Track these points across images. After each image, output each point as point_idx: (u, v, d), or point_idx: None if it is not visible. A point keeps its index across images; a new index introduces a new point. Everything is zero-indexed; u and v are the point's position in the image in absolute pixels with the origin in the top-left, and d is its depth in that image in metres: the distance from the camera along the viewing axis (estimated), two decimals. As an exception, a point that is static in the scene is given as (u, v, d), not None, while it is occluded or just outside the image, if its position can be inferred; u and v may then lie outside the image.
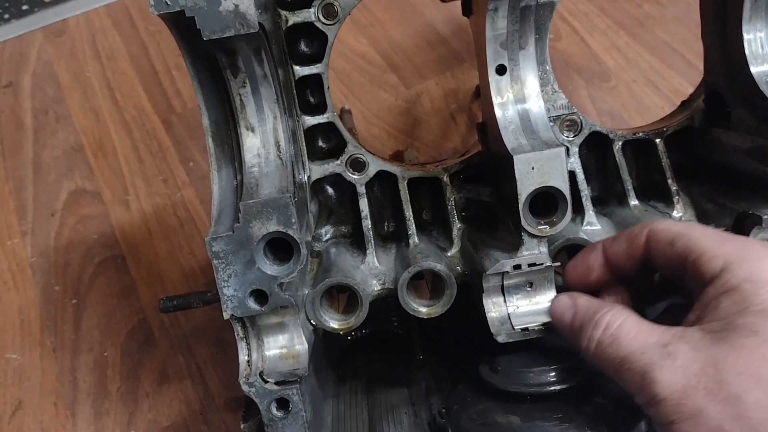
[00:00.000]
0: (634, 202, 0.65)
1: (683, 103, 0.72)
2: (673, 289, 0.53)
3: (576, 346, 0.51)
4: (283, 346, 0.56)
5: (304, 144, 0.63)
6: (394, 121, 1.11)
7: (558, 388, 0.53)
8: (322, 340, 0.68)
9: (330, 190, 0.68)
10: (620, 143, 0.66)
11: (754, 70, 0.59)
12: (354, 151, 0.64)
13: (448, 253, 0.64)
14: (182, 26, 0.50)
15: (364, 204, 0.64)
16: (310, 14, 0.60)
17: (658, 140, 0.66)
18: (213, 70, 0.54)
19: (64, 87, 1.21)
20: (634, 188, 0.66)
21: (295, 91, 0.62)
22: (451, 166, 0.66)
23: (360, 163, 0.64)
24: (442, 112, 1.11)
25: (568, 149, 0.64)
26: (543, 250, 0.55)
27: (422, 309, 0.59)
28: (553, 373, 0.54)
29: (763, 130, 0.59)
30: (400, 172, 0.65)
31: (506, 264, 0.55)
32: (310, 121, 0.63)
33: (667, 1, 1.16)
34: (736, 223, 0.59)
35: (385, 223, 0.68)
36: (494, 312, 0.56)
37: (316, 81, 0.62)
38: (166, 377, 0.88)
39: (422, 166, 0.67)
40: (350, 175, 0.64)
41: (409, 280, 0.58)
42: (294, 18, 0.60)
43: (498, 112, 0.57)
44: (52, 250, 1.01)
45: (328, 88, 0.62)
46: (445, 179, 0.65)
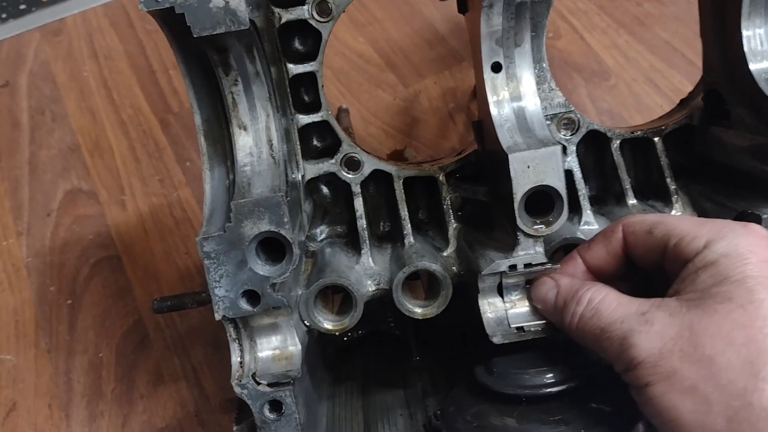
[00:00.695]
0: (632, 201, 0.65)
1: (682, 101, 0.72)
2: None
3: (559, 325, 0.53)
4: (276, 348, 0.55)
5: (298, 143, 0.62)
6: (392, 120, 1.10)
7: (554, 390, 0.52)
8: (317, 341, 0.68)
9: (325, 190, 0.67)
10: (618, 142, 0.65)
11: (753, 67, 0.58)
12: (349, 150, 0.63)
13: (444, 253, 0.63)
14: (172, 23, 0.50)
15: (359, 203, 0.63)
16: (303, 11, 0.59)
17: (656, 139, 0.66)
18: (205, 67, 0.54)
19: (61, 86, 1.21)
20: (633, 187, 0.65)
21: (288, 90, 0.61)
22: (447, 165, 0.65)
23: (355, 162, 0.64)
24: (441, 111, 1.10)
25: (565, 148, 0.63)
26: (539, 250, 0.55)
27: (417, 310, 0.58)
28: (549, 375, 0.53)
29: (763, 129, 0.58)
30: (396, 172, 0.64)
31: (502, 264, 0.54)
32: (305, 119, 0.63)
33: (668, -1, 1.16)
34: (736, 223, 0.58)
35: (381, 223, 0.68)
36: (490, 313, 0.56)
37: (311, 79, 0.62)
38: (161, 378, 0.87)
39: (418, 165, 0.67)
40: (345, 174, 0.64)
41: (404, 281, 0.57)
42: (287, 15, 0.59)
43: (493, 110, 0.56)
44: (48, 250, 1.01)
45: (323, 87, 0.62)
46: (441, 178, 0.65)
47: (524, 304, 0.56)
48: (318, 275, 0.58)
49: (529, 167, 0.52)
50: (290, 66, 0.61)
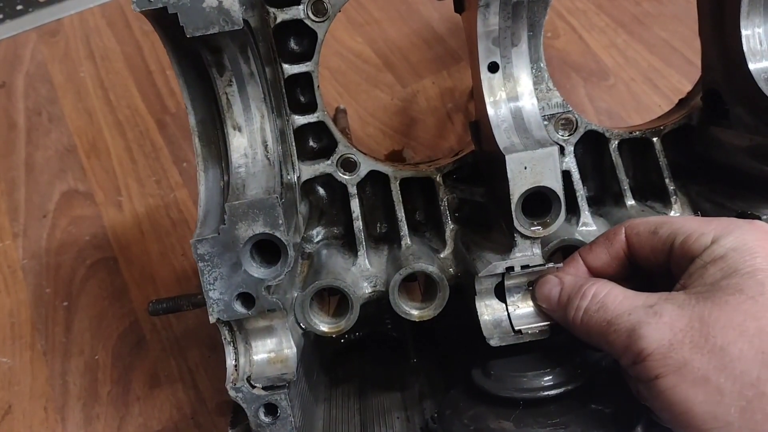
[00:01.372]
0: (630, 202, 0.64)
1: (681, 101, 0.71)
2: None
3: (563, 322, 0.52)
4: (272, 351, 0.55)
5: (294, 144, 0.62)
6: (390, 120, 1.10)
7: (552, 393, 0.52)
8: (314, 344, 0.67)
9: (321, 191, 0.66)
10: (616, 142, 0.65)
11: (752, 66, 0.57)
12: (345, 151, 0.63)
13: (441, 255, 0.62)
14: (166, 23, 0.49)
15: (355, 205, 0.63)
16: (299, 11, 0.59)
17: (655, 139, 0.65)
18: (199, 68, 0.53)
19: (58, 87, 1.20)
20: (631, 188, 0.65)
21: (284, 90, 0.60)
22: (444, 166, 0.65)
23: (351, 163, 0.63)
24: (439, 111, 1.10)
25: (562, 148, 0.63)
26: (536, 251, 0.54)
27: (414, 312, 0.58)
28: (547, 378, 0.53)
29: (762, 129, 0.57)
30: (392, 172, 0.64)
31: (499, 266, 0.54)
32: (300, 120, 0.62)
33: (666, -2, 1.15)
34: (735, 223, 0.58)
35: (377, 224, 0.67)
36: (487, 315, 0.55)
37: (306, 79, 0.61)
38: (158, 381, 0.87)
39: (415, 166, 0.66)
40: (341, 175, 0.63)
41: (401, 282, 0.57)
42: (282, 15, 0.59)
43: (490, 111, 0.56)
44: (44, 251, 1.00)
45: (319, 87, 0.61)
46: (438, 179, 0.64)
47: (527, 305, 0.56)
48: (314, 277, 0.57)
49: (526, 168, 0.51)
50: (286, 66, 0.60)
